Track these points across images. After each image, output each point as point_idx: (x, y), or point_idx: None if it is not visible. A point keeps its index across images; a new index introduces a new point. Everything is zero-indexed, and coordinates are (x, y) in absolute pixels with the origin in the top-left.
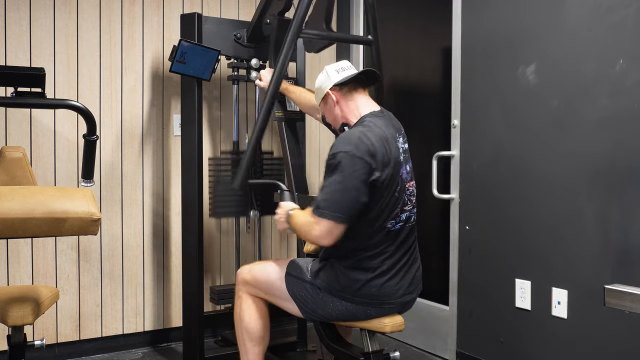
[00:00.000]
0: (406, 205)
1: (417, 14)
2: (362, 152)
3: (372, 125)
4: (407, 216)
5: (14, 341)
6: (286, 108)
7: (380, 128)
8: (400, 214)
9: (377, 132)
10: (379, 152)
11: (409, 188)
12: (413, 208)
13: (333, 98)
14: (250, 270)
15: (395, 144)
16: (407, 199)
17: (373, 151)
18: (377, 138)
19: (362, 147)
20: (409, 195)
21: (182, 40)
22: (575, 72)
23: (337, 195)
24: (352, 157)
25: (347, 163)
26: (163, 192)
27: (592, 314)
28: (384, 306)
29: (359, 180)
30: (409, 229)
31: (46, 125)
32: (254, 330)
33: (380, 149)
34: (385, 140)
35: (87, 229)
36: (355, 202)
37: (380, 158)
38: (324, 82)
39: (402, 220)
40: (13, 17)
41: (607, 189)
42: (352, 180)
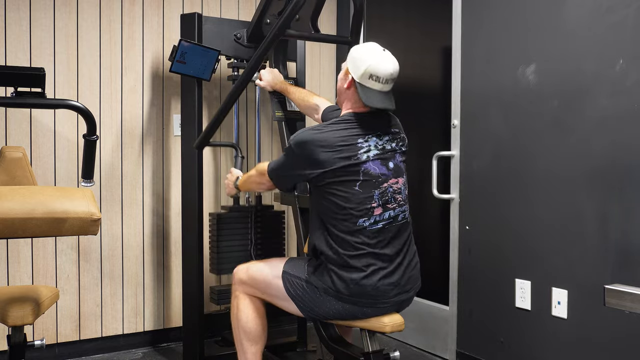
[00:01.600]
0: (389, 203)
1: (417, 14)
2: (298, 147)
3: (334, 124)
4: (393, 214)
5: (14, 341)
6: (286, 108)
7: (342, 126)
8: (382, 212)
9: (333, 131)
10: (323, 152)
11: (391, 185)
12: (400, 206)
13: (349, 79)
14: (247, 269)
15: (364, 142)
16: (390, 196)
17: (313, 151)
18: (329, 137)
19: (304, 145)
20: (392, 193)
21: (182, 40)
22: (575, 72)
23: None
24: (292, 150)
25: (289, 153)
26: (163, 192)
27: (592, 314)
28: (379, 305)
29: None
30: (397, 227)
31: (46, 125)
32: (251, 330)
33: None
34: (341, 139)
35: (87, 229)
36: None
37: (322, 157)
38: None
39: (386, 219)
40: (13, 17)
41: (607, 188)
42: (287, 170)
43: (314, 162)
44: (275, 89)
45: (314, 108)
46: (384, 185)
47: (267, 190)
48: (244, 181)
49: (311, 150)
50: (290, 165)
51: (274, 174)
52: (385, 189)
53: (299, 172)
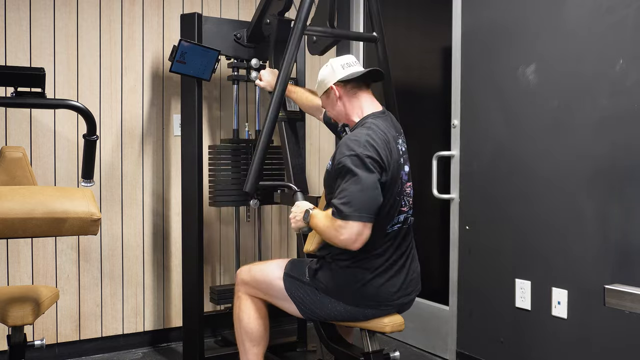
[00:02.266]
0: (403, 207)
1: (417, 14)
2: (373, 153)
3: (375, 127)
4: (404, 217)
5: (14, 341)
6: (286, 108)
7: (382, 130)
8: (398, 215)
9: (380, 134)
10: (383, 154)
11: (406, 189)
12: (410, 209)
13: (336, 93)
14: (249, 270)
15: (396, 146)
16: (404, 200)
17: (380, 153)
18: (381, 140)
19: (372, 149)
20: (406, 197)
21: (182, 40)
22: (575, 72)
23: (359, 196)
24: (366, 158)
25: (362, 164)
26: (163, 192)
27: (592, 314)
28: (381, 307)
29: (374, 179)
30: (405, 230)
31: (46, 125)
32: (253, 331)
33: (383, 151)
34: (387, 142)
35: (87, 229)
36: (376, 200)
37: (384, 160)
38: (328, 76)
39: (400, 222)
40: (13, 17)
41: (607, 189)
42: (369, 180)
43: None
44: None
45: (317, 108)
46: (404, 189)
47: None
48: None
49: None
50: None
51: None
52: (404, 192)
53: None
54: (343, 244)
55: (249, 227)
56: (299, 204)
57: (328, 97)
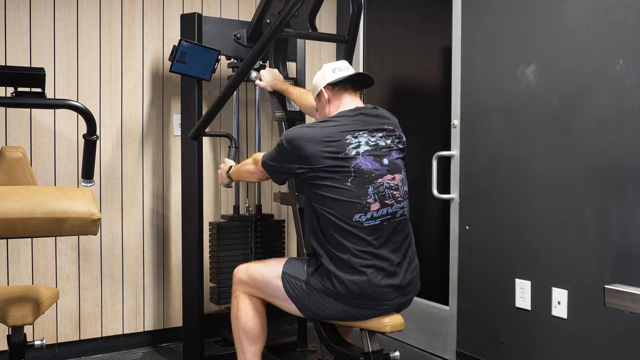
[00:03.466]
0: (387, 199)
1: (417, 14)
2: (288, 142)
3: (324, 121)
4: (391, 211)
5: (14, 341)
6: (286, 108)
7: (332, 124)
8: (381, 208)
9: (322, 127)
10: (311, 147)
11: (387, 182)
12: (398, 203)
13: (325, 96)
14: (246, 269)
15: (353, 138)
16: (386, 192)
17: (301, 146)
18: (318, 133)
19: (292, 140)
20: (388, 189)
21: (182, 40)
22: (575, 72)
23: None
24: (282, 146)
25: (280, 149)
26: (163, 192)
27: (592, 314)
28: (378, 307)
29: (282, 166)
30: (394, 224)
31: (46, 125)
32: (251, 329)
33: (312, 142)
34: (329, 135)
35: (87, 229)
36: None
37: (310, 152)
38: (320, 80)
39: (384, 215)
40: (13, 17)
41: (607, 189)
42: (278, 163)
43: (302, 157)
44: (275, 89)
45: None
46: (379, 181)
47: (259, 180)
48: (237, 170)
49: (299, 145)
50: (280, 159)
51: (266, 165)
52: (381, 184)
53: (289, 166)
54: (248, 172)
55: None
56: (226, 161)
57: (320, 101)
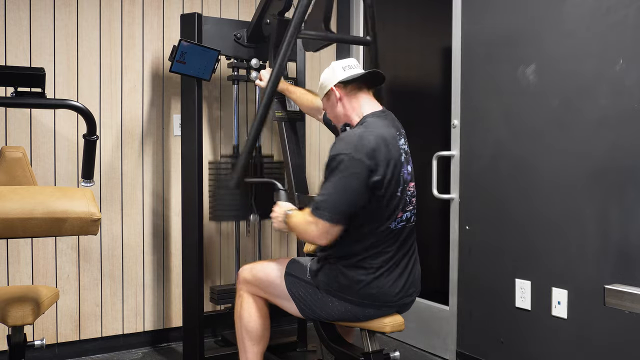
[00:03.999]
0: (407, 206)
1: (417, 14)
2: (361, 154)
3: (373, 125)
4: (408, 216)
5: (14, 341)
6: (286, 108)
7: (381, 128)
8: (402, 214)
9: (378, 133)
10: (379, 153)
11: (410, 189)
12: (413, 209)
13: (336, 95)
14: (251, 269)
15: (396, 145)
16: (408, 199)
17: (373, 153)
18: (378, 138)
19: (362, 149)
20: (410, 196)
21: (182, 40)
22: (575, 72)
23: (336, 197)
24: (352, 159)
25: (347, 165)
26: (163, 192)
27: (592, 314)
28: (382, 308)
29: (358, 183)
30: (409, 229)
31: (46, 125)
32: (253, 329)
33: (380, 149)
34: (385, 141)
35: (87, 229)
36: (353, 204)
37: (380, 159)
38: (329, 78)
39: (403, 221)
40: (13, 17)
41: (607, 188)
42: (351, 183)
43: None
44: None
45: (317, 109)
46: (407, 188)
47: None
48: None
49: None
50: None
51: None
52: (408, 191)
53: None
54: (310, 239)
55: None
56: (280, 204)
57: (329, 99)
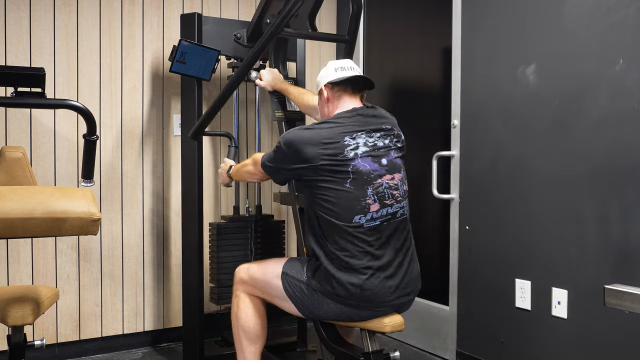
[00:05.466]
0: (386, 199)
1: (417, 14)
2: (286, 145)
3: (322, 123)
4: (391, 211)
5: (14, 341)
6: (286, 108)
7: (330, 125)
8: (380, 209)
9: (319, 129)
10: (308, 147)
11: (387, 182)
12: (398, 203)
13: (325, 95)
14: (247, 269)
15: (351, 140)
16: (386, 192)
17: (299, 149)
18: (315, 135)
19: (290, 143)
20: (388, 189)
21: (182, 40)
22: (575, 72)
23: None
24: (280, 147)
25: (278, 150)
26: (163, 192)
27: (592, 314)
28: (378, 309)
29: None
30: (395, 224)
31: (46, 125)
32: (250, 329)
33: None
34: (327, 137)
35: (87, 229)
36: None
37: (308, 155)
38: (323, 77)
39: (384, 215)
40: (13, 17)
41: (607, 188)
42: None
43: (301, 159)
44: (275, 88)
45: (315, 108)
46: (378, 182)
47: (259, 180)
48: (238, 170)
49: (297, 148)
50: (279, 160)
51: (266, 166)
52: (380, 184)
53: (288, 167)
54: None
55: None
56: (225, 161)
57: (320, 98)
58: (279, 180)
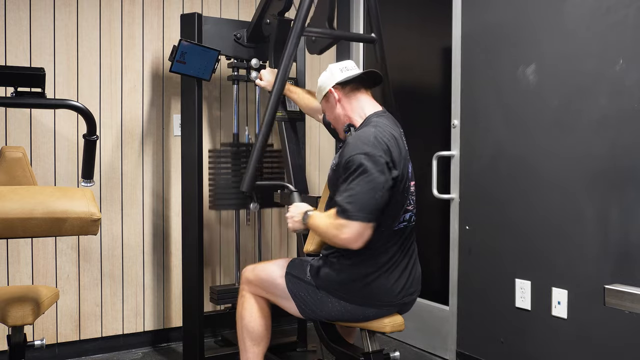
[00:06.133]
0: (409, 205)
1: (417, 14)
2: (381, 152)
3: (382, 124)
4: (410, 216)
5: (14, 341)
6: (286, 108)
7: (389, 127)
8: (404, 213)
9: (389, 131)
10: (394, 150)
11: (411, 188)
12: (414, 208)
13: (335, 96)
14: (253, 269)
15: (403, 143)
16: (410, 198)
17: (389, 150)
18: (389, 137)
19: (380, 146)
20: (411, 195)
21: (182, 40)
22: (575, 72)
23: (364, 197)
24: (373, 156)
25: (370, 164)
26: (163, 192)
27: (592, 314)
28: (383, 307)
29: (383, 180)
30: (410, 229)
31: (46, 125)
32: (254, 330)
33: (393, 147)
34: (395, 139)
35: (87, 229)
36: (381, 201)
37: (395, 156)
38: (327, 80)
39: (406, 220)
40: (13, 17)
41: (607, 188)
42: (378, 181)
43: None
44: None
45: (317, 109)
46: (410, 186)
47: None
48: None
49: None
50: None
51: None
52: (412, 192)
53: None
54: (343, 242)
55: (249, 227)
56: (297, 205)
57: (328, 101)
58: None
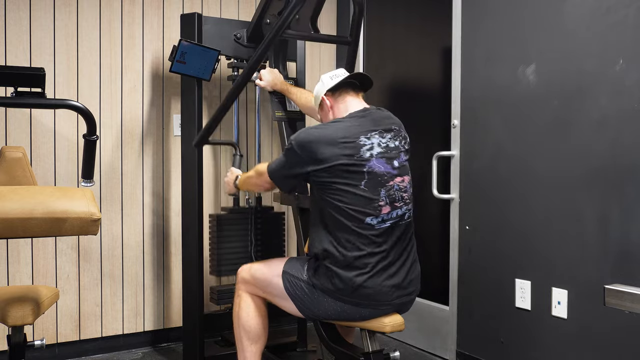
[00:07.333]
0: (397, 202)
1: (417, 14)
2: (300, 146)
3: (336, 122)
4: (400, 213)
5: (14, 341)
6: (286, 108)
7: (339, 128)
8: (390, 211)
9: (335, 128)
10: (324, 147)
11: (397, 184)
12: (406, 205)
13: (327, 103)
14: (249, 269)
15: (368, 140)
16: (396, 194)
17: (317, 149)
18: (333, 134)
19: (306, 144)
20: (398, 191)
21: (182, 40)
22: (575, 72)
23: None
24: (293, 150)
25: (289, 153)
26: (163, 192)
27: (592, 314)
28: (379, 307)
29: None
30: (403, 226)
31: (46, 125)
32: (251, 329)
33: (319, 144)
34: (342, 137)
35: (87, 229)
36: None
37: (327, 155)
38: (319, 89)
39: (393, 218)
40: (13, 17)
41: (607, 188)
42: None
43: (317, 160)
44: (275, 89)
45: (315, 109)
46: (390, 184)
47: (267, 191)
48: (244, 181)
49: (314, 148)
50: (291, 165)
51: (274, 175)
52: (391, 187)
53: (301, 170)
54: (254, 185)
55: None
56: (232, 170)
57: (322, 109)
58: (287, 189)
